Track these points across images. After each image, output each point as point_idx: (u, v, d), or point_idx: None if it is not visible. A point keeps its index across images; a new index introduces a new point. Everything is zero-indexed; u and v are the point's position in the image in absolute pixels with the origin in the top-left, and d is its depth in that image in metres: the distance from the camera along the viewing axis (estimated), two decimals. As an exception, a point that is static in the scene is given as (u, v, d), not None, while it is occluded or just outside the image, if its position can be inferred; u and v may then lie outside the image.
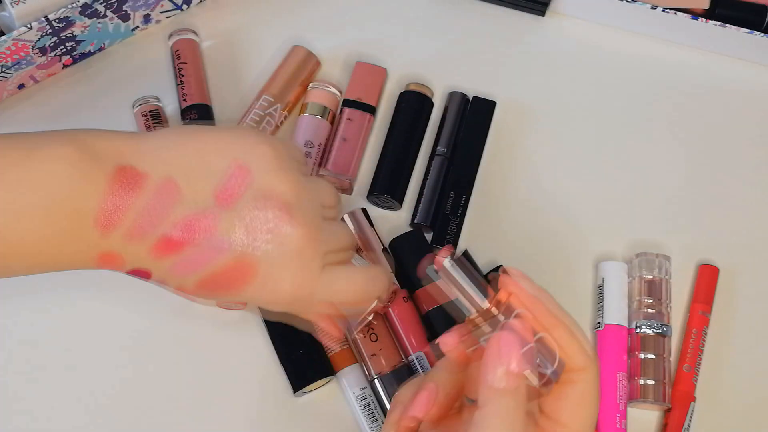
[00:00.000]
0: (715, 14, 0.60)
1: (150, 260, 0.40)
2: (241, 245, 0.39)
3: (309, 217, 0.41)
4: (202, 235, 0.39)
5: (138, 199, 0.39)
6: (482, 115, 0.58)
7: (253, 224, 0.39)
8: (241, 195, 0.40)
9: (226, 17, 0.61)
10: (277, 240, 0.40)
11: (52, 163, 0.38)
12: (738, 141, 0.60)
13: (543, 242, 0.56)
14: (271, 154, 0.41)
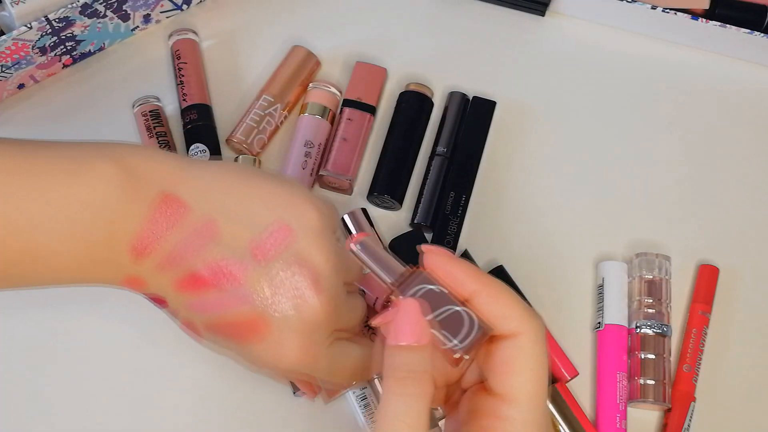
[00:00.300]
0: (715, 14, 0.60)
1: (171, 291, 0.40)
2: (263, 303, 0.39)
3: (334, 293, 0.40)
4: (229, 282, 0.39)
5: (176, 232, 0.39)
6: (482, 115, 0.58)
7: (281, 286, 0.39)
8: (277, 254, 0.39)
9: (226, 17, 0.61)
10: (300, 308, 0.39)
11: (96, 183, 0.38)
12: (738, 141, 0.60)
13: (543, 242, 0.56)
14: (316, 220, 0.40)
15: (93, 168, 0.38)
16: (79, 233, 0.37)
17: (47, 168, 0.37)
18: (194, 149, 0.55)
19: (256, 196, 0.40)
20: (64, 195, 0.37)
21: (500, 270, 0.53)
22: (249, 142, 0.55)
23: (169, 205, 0.39)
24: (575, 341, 0.53)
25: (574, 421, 0.49)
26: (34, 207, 0.37)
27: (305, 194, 0.41)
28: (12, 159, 0.37)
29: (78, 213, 0.37)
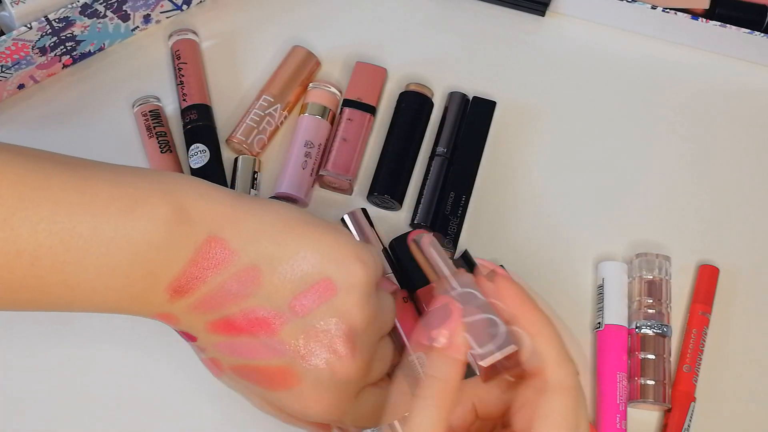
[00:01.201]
0: (715, 14, 0.60)
1: (203, 331, 0.40)
2: (296, 355, 0.39)
3: (369, 351, 0.40)
4: (263, 331, 0.39)
5: (217, 275, 0.38)
6: (482, 115, 0.58)
7: (316, 340, 0.39)
8: (314, 310, 0.39)
9: (226, 17, 0.61)
10: (333, 365, 0.39)
11: (146, 223, 0.37)
12: (738, 141, 0.60)
13: (543, 242, 0.56)
14: (362, 277, 0.39)
15: (145, 205, 0.37)
16: (120, 271, 0.37)
17: (100, 202, 0.36)
18: (194, 149, 0.55)
19: (302, 247, 0.39)
20: (112, 234, 0.36)
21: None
22: (249, 142, 0.55)
23: (214, 248, 0.38)
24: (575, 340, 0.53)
25: (574, 421, 0.49)
26: (80, 243, 0.36)
27: (352, 247, 0.40)
28: (65, 189, 0.36)
29: (123, 251, 0.36)
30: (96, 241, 0.36)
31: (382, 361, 0.42)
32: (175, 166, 0.55)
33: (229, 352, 0.40)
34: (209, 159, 0.55)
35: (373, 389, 0.42)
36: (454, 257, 0.54)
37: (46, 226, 0.35)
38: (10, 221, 0.35)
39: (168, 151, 0.55)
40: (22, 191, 0.35)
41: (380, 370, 0.42)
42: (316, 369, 0.39)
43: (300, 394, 0.39)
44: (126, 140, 0.57)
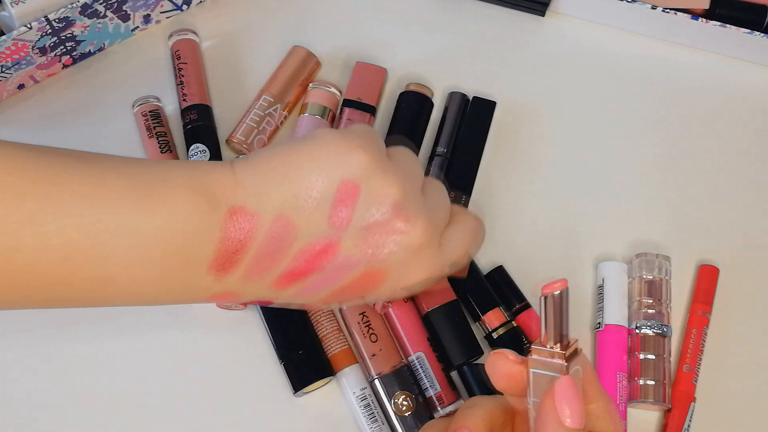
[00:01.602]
0: (715, 14, 0.60)
1: (272, 292, 0.40)
2: (366, 258, 0.40)
3: (418, 206, 0.41)
4: (325, 260, 0.39)
5: (253, 242, 0.38)
6: (482, 115, 0.58)
7: (373, 236, 0.39)
8: (353, 213, 0.39)
9: (226, 17, 0.61)
10: (400, 242, 0.40)
11: (167, 211, 0.37)
12: (738, 141, 0.60)
13: (543, 242, 0.56)
14: (367, 159, 0.39)
15: (164, 196, 0.37)
16: (153, 261, 0.37)
17: (119, 196, 0.36)
18: (194, 149, 0.55)
19: (306, 171, 0.39)
20: (136, 226, 0.36)
21: (500, 270, 0.53)
22: (249, 143, 0.55)
23: (238, 219, 0.38)
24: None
25: (574, 421, 0.49)
26: (107, 237, 0.36)
27: (343, 142, 0.40)
28: (84, 183, 0.36)
29: (150, 243, 0.37)
30: (122, 234, 0.36)
31: (439, 206, 0.43)
32: (175, 166, 0.55)
33: (310, 293, 0.40)
34: (209, 159, 0.55)
35: (451, 229, 0.43)
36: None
37: (73, 221, 0.35)
38: (37, 218, 0.35)
39: (168, 151, 0.55)
40: (45, 188, 0.35)
41: (442, 216, 0.43)
42: (392, 255, 0.40)
43: (395, 280, 0.41)
44: (126, 140, 0.57)
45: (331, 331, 0.51)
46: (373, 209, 0.39)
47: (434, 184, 0.44)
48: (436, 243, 0.42)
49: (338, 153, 0.39)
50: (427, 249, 0.41)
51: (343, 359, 0.50)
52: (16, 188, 0.34)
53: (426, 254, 0.41)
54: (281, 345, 0.50)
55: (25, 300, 0.37)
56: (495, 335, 0.51)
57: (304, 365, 0.50)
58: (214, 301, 0.41)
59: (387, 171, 0.40)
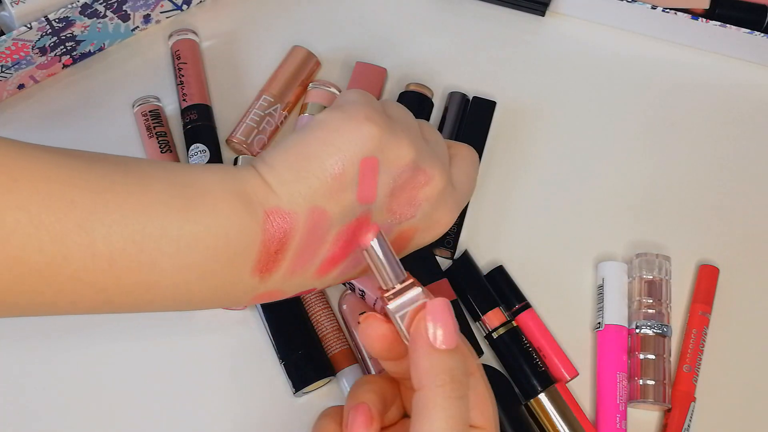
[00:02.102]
0: (715, 14, 0.60)
1: (316, 282, 0.41)
2: (398, 220, 0.41)
3: (429, 155, 0.42)
4: (361, 239, 0.39)
5: (293, 239, 0.39)
6: (482, 115, 0.58)
7: (401, 198, 0.41)
8: (377, 184, 0.40)
9: (226, 17, 0.61)
10: (425, 196, 0.42)
11: (209, 217, 0.37)
12: (738, 141, 0.60)
13: (543, 242, 0.56)
14: (375, 130, 0.40)
15: (206, 201, 0.38)
16: (197, 267, 0.37)
17: (162, 202, 0.37)
18: (194, 149, 0.55)
19: (323, 160, 0.39)
20: (179, 231, 0.37)
21: (500, 270, 0.53)
22: (249, 143, 0.55)
23: (275, 220, 0.39)
24: (575, 341, 0.53)
25: (574, 421, 0.49)
26: (152, 243, 0.36)
27: (351, 118, 0.40)
28: (128, 191, 0.36)
29: (194, 248, 0.37)
30: (166, 240, 0.36)
31: (438, 144, 0.45)
32: (175, 166, 0.55)
33: (351, 270, 0.42)
34: (209, 159, 0.55)
35: (453, 167, 0.45)
36: (453, 257, 0.54)
37: (118, 228, 0.36)
38: (84, 226, 0.35)
39: (168, 151, 0.55)
40: (92, 197, 0.36)
41: (444, 150, 0.45)
42: (420, 209, 0.42)
43: (426, 231, 0.43)
44: (126, 140, 0.57)
45: (331, 331, 0.51)
46: (395, 174, 0.40)
47: (427, 126, 0.46)
48: (450, 182, 0.44)
49: (349, 132, 0.40)
50: (446, 191, 0.43)
51: (343, 359, 0.50)
52: (64, 197, 0.35)
53: (447, 196, 0.43)
54: (281, 345, 0.50)
55: (71, 306, 0.37)
56: (495, 335, 0.51)
57: (304, 365, 0.50)
58: (258, 301, 0.41)
59: (396, 133, 0.41)
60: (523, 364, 0.50)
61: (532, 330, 0.52)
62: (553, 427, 0.49)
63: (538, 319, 0.52)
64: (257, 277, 0.39)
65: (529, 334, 0.52)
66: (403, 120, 0.43)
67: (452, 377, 0.36)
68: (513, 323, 0.52)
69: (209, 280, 0.38)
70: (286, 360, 0.50)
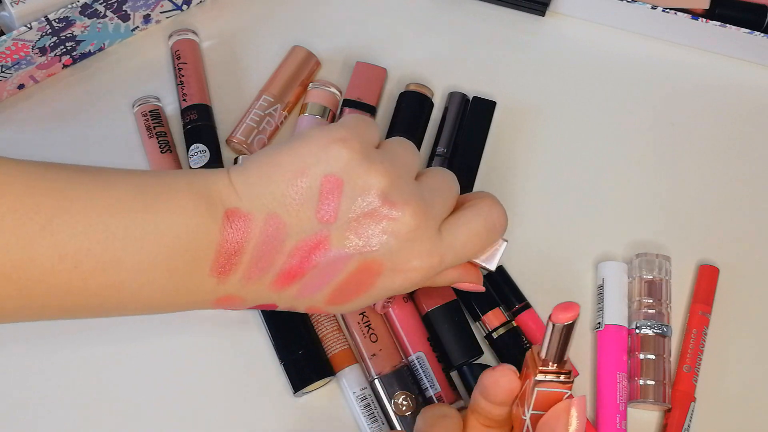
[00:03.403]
0: (715, 14, 0.60)
1: (272, 294, 0.41)
2: (359, 250, 0.40)
3: (407, 192, 0.41)
4: (318, 256, 0.40)
5: (248, 243, 0.39)
6: (482, 115, 0.58)
7: (362, 226, 0.40)
8: (339, 207, 0.39)
9: (226, 17, 0.61)
10: (390, 230, 0.40)
11: (171, 216, 0.38)
12: (738, 141, 0.60)
13: (543, 242, 0.56)
14: (345, 152, 0.40)
15: (167, 202, 0.38)
16: (160, 266, 0.38)
17: (125, 203, 0.38)
18: (194, 149, 0.55)
19: (291, 171, 0.40)
20: (142, 231, 0.37)
21: (500, 270, 0.53)
22: (249, 143, 0.55)
23: (234, 220, 0.39)
24: (575, 341, 0.53)
25: (574, 421, 0.49)
26: (116, 243, 0.37)
27: (324, 136, 0.40)
28: (91, 192, 0.37)
29: (156, 247, 0.38)
30: (130, 240, 0.37)
31: (435, 191, 0.42)
32: (175, 166, 0.55)
33: (312, 292, 0.41)
34: (209, 159, 0.55)
35: (454, 219, 0.43)
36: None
37: (83, 229, 0.36)
38: (49, 227, 0.36)
39: (168, 151, 0.55)
40: (54, 200, 0.36)
41: (438, 201, 0.42)
42: (383, 244, 0.40)
43: (392, 272, 0.41)
44: (126, 140, 0.57)
45: (331, 331, 0.51)
46: (359, 200, 0.40)
47: (435, 171, 0.44)
48: (432, 228, 0.41)
49: (318, 148, 0.40)
50: (420, 234, 0.40)
51: (343, 359, 0.50)
52: (28, 200, 0.36)
53: (420, 240, 0.41)
54: (281, 345, 0.50)
55: (42, 310, 0.38)
56: (495, 335, 0.51)
57: (304, 365, 0.50)
58: (220, 306, 0.41)
59: (371, 161, 0.40)
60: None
61: (532, 330, 0.52)
62: (553, 427, 0.49)
63: (538, 319, 0.52)
64: (215, 278, 0.39)
65: (529, 334, 0.52)
66: (392, 153, 0.42)
67: None
68: (513, 323, 0.52)
69: (173, 279, 0.38)
70: (286, 360, 0.50)
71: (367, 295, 0.42)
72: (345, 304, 0.42)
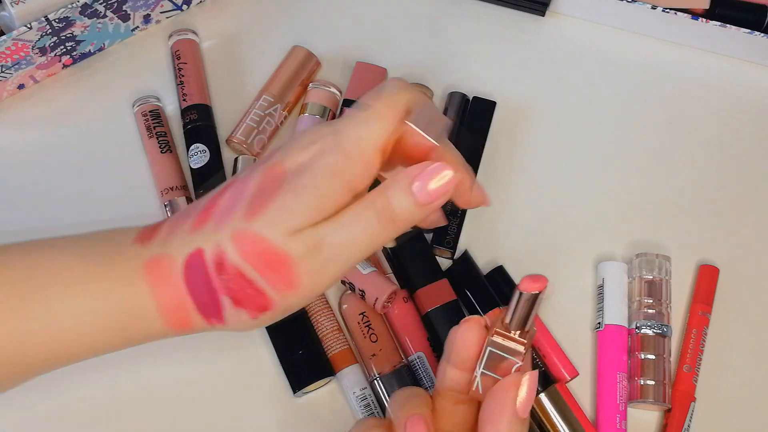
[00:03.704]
0: (715, 14, 0.60)
1: (195, 236, 0.39)
2: (262, 160, 0.40)
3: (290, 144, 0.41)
4: (228, 183, 0.40)
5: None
6: (482, 115, 0.58)
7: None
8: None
9: (226, 17, 0.61)
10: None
11: (112, 288, 0.39)
12: (738, 141, 0.60)
13: (543, 242, 0.56)
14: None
15: (107, 274, 0.39)
16: (112, 334, 0.39)
17: (61, 279, 0.38)
18: (194, 149, 0.55)
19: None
20: (72, 303, 0.38)
21: (500, 270, 0.53)
22: (249, 143, 0.55)
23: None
24: (575, 341, 0.53)
25: (573, 421, 0.49)
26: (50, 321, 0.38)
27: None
28: (10, 269, 0.38)
29: (104, 318, 0.39)
30: (80, 318, 0.39)
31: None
32: (175, 166, 0.55)
33: (228, 216, 0.38)
34: (209, 159, 0.55)
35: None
36: (454, 257, 0.54)
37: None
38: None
39: (168, 151, 0.55)
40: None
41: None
42: (279, 149, 0.40)
43: (296, 173, 0.39)
44: (126, 140, 0.57)
45: (331, 331, 0.51)
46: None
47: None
48: (327, 124, 0.39)
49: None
50: (316, 128, 0.39)
51: (343, 359, 0.50)
52: None
53: (315, 131, 0.39)
54: (281, 345, 0.50)
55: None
56: (495, 335, 0.51)
57: (304, 365, 0.50)
58: (151, 279, 0.39)
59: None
60: (523, 364, 0.51)
61: (532, 330, 0.52)
62: (553, 427, 0.49)
63: (538, 319, 0.52)
64: (139, 244, 0.39)
65: (529, 334, 0.52)
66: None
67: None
68: (513, 323, 0.52)
69: (125, 339, 0.40)
70: (286, 360, 0.50)
71: (281, 199, 0.38)
72: (262, 214, 0.38)
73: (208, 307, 0.39)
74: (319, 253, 0.37)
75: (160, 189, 0.54)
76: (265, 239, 0.37)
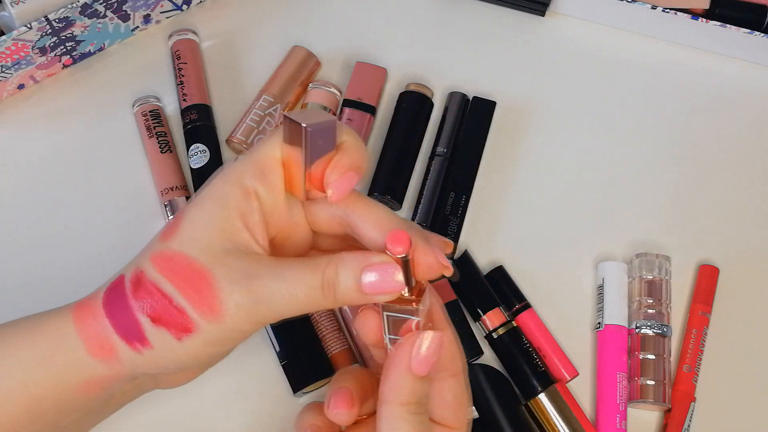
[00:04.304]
0: (715, 14, 0.60)
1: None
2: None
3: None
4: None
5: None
6: (482, 115, 0.58)
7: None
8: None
9: (226, 17, 0.61)
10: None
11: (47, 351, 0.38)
12: (738, 141, 0.60)
13: (543, 242, 0.56)
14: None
15: (42, 339, 0.39)
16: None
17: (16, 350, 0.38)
18: (194, 149, 0.55)
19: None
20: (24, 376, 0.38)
21: (500, 270, 0.53)
22: (249, 143, 0.55)
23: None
24: (575, 341, 0.53)
25: (573, 421, 0.49)
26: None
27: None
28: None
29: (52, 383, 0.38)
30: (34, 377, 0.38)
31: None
32: (175, 166, 0.55)
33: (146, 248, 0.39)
34: (209, 159, 0.55)
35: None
36: (454, 257, 0.54)
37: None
38: None
39: (168, 151, 0.55)
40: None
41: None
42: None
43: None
44: (126, 140, 0.57)
45: (331, 331, 0.51)
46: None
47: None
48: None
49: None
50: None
51: (343, 359, 0.50)
52: None
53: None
54: (281, 345, 0.50)
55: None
56: (495, 335, 0.51)
57: (304, 365, 0.50)
58: (76, 314, 0.39)
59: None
60: (523, 364, 0.51)
61: (532, 330, 0.52)
62: (553, 428, 0.49)
63: (538, 319, 0.52)
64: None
65: (529, 334, 0.52)
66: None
67: (418, 400, 0.37)
68: (513, 323, 0.52)
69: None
70: (286, 360, 0.50)
71: (188, 215, 0.38)
72: (177, 233, 0.38)
73: (127, 329, 0.38)
74: (250, 291, 0.37)
75: (160, 189, 0.54)
76: (182, 253, 0.37)
